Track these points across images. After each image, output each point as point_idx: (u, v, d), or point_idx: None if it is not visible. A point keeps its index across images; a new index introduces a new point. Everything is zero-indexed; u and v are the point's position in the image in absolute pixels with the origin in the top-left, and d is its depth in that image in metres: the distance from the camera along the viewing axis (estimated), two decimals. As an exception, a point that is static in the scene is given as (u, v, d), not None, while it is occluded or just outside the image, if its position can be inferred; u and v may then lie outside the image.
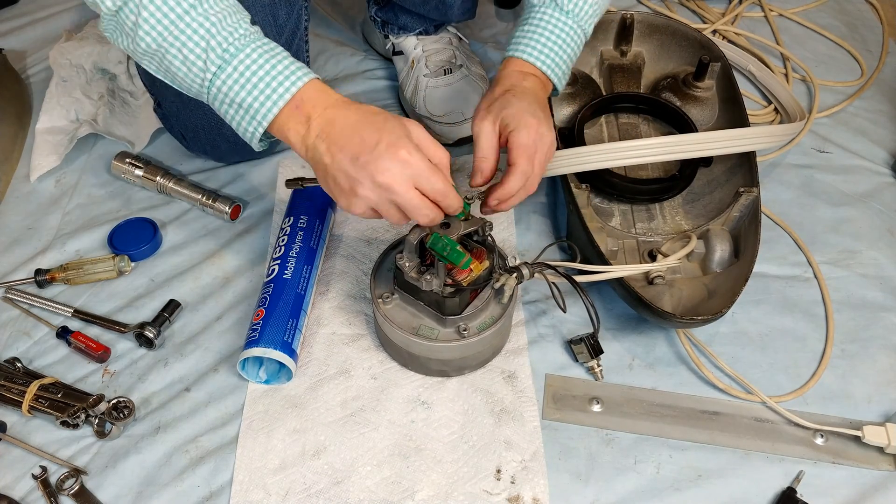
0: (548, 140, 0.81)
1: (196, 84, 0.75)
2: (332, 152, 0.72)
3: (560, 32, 0.85)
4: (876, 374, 0.89)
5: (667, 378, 0.89)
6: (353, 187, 0.72)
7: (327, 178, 0.74)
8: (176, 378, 0.88)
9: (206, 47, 0.72)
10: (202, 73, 0.73)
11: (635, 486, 0.80)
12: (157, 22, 0.71)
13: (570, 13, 0.85)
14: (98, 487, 0.80)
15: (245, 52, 0.72)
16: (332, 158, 0.72)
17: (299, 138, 0.74)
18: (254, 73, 0.72)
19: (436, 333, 0.83)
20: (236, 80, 0.73)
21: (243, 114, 0.74)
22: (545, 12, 0.85)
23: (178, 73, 0.75)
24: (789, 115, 1.15)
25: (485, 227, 0.81)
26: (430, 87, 1.12)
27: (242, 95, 0.73)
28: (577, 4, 0.85)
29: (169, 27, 0.72)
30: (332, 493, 0.79)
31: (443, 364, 0.86)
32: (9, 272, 0.99)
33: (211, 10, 0.72)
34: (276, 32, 0.95)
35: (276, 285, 0.89)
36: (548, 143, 0.82)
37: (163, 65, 0.75)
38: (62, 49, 1.14)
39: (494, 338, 0.85)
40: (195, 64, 0.73)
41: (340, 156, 0.72)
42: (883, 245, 1.02)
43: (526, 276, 0.82)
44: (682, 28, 1.17)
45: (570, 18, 0.85)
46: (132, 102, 1.15)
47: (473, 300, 0.83)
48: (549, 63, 0.85)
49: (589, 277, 0.85)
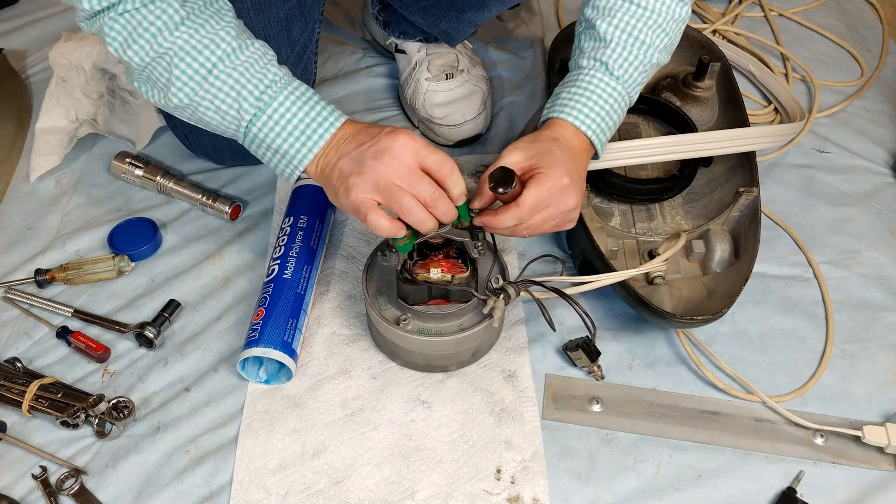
0: (566, 205, 0.77)
1: (230, 130, 0.77)
2: (339, 150, 0.74)
3: (609, 98, 0.81)
4: (876, 374, 0.89)
5: (667, 378, 0.89)
6: (354, 168, 0.72)
7: (333, 172, 0.74)
8: (176, 378, 0.88)
9: (238, 97, 0.73)
10: (236, 121, 0.75)
11: (635, 486, 0.80)
12: (189, 79, 0.73)
13: (620, 79, 0.82)
14: (98, 487, 0.80)
15: (278, 101, 0.74)
16: (337, 152, 0.74)
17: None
18: (288, 121, 0.74)
19: (412, 326, 0.83)
20: (272, 128, 0.74)
21: (280, 158, 0.76)
22: (594, 76, 0.81)
23: (211, 123, 0.76)
24: (789, 115, 1.15)
25: (473, 246, 0.81)
26: (431, 90, 1.12)
27: (278, 143, 0.75)
28: (627, 71, 0.82)
29: (200, 83, 0.73)
30: (332, 493, 0.79)
31: (424, 358, 0.86)
32: (9, 272, 0.99)
33: (238, 60, 0.73)
34: (288, 47, 0.96)
35: (276, 285, 0.89)
36: (565, 208, 0.77)
37: (195, 115, 0.76)
38: (62, 49, 1.14)
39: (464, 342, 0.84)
40: (228, 114, 0.75)
41: (347, 147, 0.73)
42: (883, 245, 1.02)
43: (513, 296, 0.82)
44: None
45: (619, 84, 0.82)
46: (132, 102, 1.15)
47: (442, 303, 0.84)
48: (597, 130, 0.81)
49: (580, 288, 0.85)
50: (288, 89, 0.74)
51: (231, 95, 0.73)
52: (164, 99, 0.75)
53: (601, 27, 0.82)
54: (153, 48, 0.72)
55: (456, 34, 1.11)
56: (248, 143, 0.77)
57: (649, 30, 0.82)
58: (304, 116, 0.74)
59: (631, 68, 0.82)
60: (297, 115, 0.74)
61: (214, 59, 0.72)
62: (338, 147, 0.74)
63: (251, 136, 0.76)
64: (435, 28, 1.10)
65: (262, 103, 0.74)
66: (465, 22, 1.08)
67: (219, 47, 0.72)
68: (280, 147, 0.75)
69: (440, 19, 1.08)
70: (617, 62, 0.82)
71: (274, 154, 0.76)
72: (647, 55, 0.82)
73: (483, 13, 1.07)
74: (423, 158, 0.72)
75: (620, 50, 0.81)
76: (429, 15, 1.08)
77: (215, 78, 0.73)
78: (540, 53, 1.28)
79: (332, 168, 0.74)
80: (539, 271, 0.95)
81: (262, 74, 0.74)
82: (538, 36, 1.31)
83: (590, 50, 0.83)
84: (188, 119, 0.78)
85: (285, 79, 0.75)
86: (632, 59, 0.82)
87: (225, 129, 0.77)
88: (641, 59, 0.82)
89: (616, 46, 0.81)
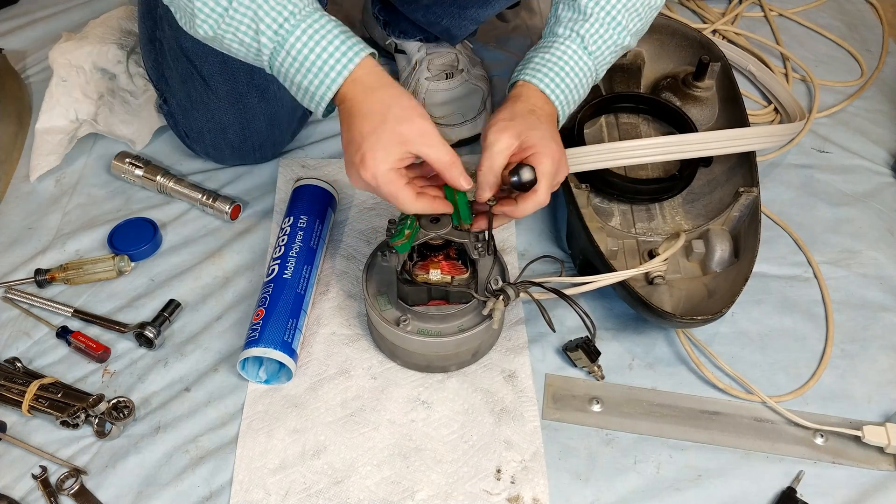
0: (564, 172, 0.81)
1: (258, 63, 0.76)
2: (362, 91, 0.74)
3: (579, 72, 0.83)
4: (876, 374, 0.89)
5: (667, 378, 0.89)
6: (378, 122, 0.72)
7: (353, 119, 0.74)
8: (176, 378, 0.88)
9: (257, 30, 0.72)
10: (258, 56, 0.75)
11: (635, 486, 0.80)
12: (211, 10, 0.72)
13: (593, 55, 0.83)
14: (98, 487, 0.80)
15: (295, 35, 0.72)
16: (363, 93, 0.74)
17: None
18: (306, 57, 0.73)
19: (412, 327, 0.83)
20: (291, 63, 0.73)
21: (303, 94, 0.76)
22: (570, 47, 0.82)
23: (238, 54, 0.76)
24: (789, 115, 1.15)
25: (473, 247, 0.81)
26: (431, 90, 1.12)
27: (298, 79, 0.74)
28: (600, 48, 0.83)
29: (222, 14, 0.72)
30: (332, 493, 0.79)
31: (424, 359, 0.86)
32: (9, 272, 0.99)
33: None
34: None
35: (276, 285, 0.89)
36: (563, 172, 0.81)
37: (223, 46, 0.76)
38: (62, 49, 1.14)
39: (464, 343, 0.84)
40: (252, 47, 0.74)
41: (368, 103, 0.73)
42: (883, 245, 1.02)
43: (512, 297, 0.82)
44: (682, 28, 1.17)
45: (591, 59, 0.83)
46: (132, 101, 1.15)
47: (442, 304, 0.84)
48: (563, 101, 0.83)
49: (580, 289, 0.85)
50: (307, 21, 0.73)
51: (253, 28, 0.72)
52: (192, 30, 0.75)
53: (582, 1, 0.82)
54: None
55: (458, 32, 1.11)
56: (274, 76, 0.77)
57: (626, 11, 0.83)
58: (321, 52, 0.73)
59: (604, 46, 0.83)
60: (315, 51, 0.72)
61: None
62: (362, 89, 0.74)
63: (275, 71, 0.75)
64: (436, 26, 1.10)
65: (279, 38, 0.73)
66: (467, 19, 1.08)
67: None
68: (301, 83, 0.74)
69: (442, 17, 1.08)
70: (593, 37, 0.83)
71: (297, 89, 0.75)
72: (621, 36, 0.84)
73: (485, 10, 1.07)
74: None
75: (598, 26, 0.82)
76: (430, 13, 1.08)
77: (235, 10, 0.72)
78: (540, 53, 1.28)
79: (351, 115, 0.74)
80: (539, 272, 0.95)
81: (281, 6, 0.72)
82: (538, 36, 1.31)
83: (567, 20, 0.84)
84: (220, 49, 0.77)
85: (306, 10, 0.73)
86: (606, 38, 0.83)
87: (254, 62, 0.77)
88: (615, 39, 0.83)
89: (595, 22, 0.82)
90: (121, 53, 1.14)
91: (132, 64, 1.15)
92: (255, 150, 1.06)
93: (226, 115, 1.00)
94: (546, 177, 0.77)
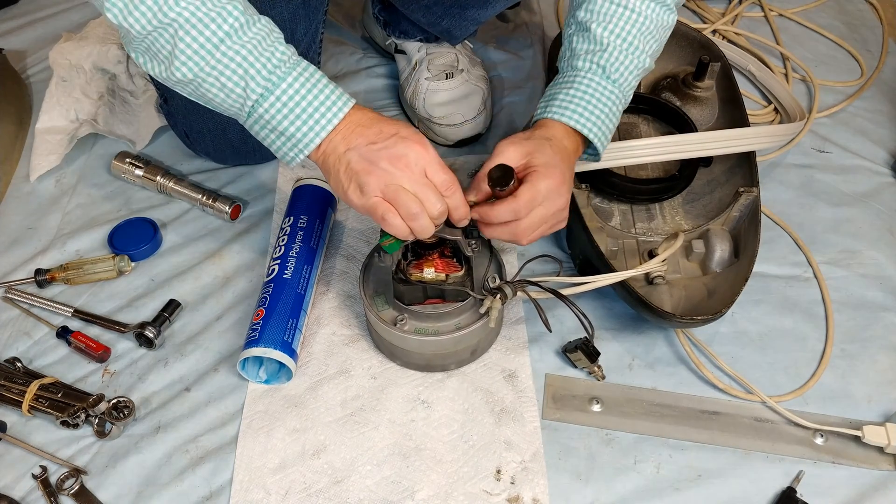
0: (558, 204, 0.78)
1: (233, 109, 0.75)
2: (348, 140, 0.74)
3: (608, 101, 0.82)
4: (876, 374, 0.89)
5: (666, 378, 0.89)
6: (366, 168, 0.72)
7: (340, 163, 0.74)
8: (176, 378, 0.89)
9: (245, 75, 0.71)
10: (241, 100, 0.73)
11: (635, 486, 0.80)
12: (194, 53, 0.70)
13: (617, 83, 0.83)
14: (98, 487, 0.80)
15: (287, 82, 0.72)
16: (345, 141, 0.73)
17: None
18: (297, 103, 0.72)
19: (410, 326, 0.84)
20: (279, 109, 0.73)
21: (285, 140, 0.75)
22: (592, 79, 0.82)
23: (214, 100, 0.74)
24: (789, 115, 1.15)
25: (467, 244, 0.81)
26: (431, 90, 1.12)
27: (285, 125, 0.73)
28: (623, 74, 0.83)
29: (206, 57, 0.71)
30: (332, 493, 0.79)
31: (422, 358, 0.86)
32: (9, 272, 0.99)
33: (246, 37, 0.71)
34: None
35: (276, 285, 0.89)
36: (556, 207, 0.78)
37: (198, 92, 0.74)
38: (62, 49, 1.14)
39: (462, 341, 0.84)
40: (234, 92, 0.73)
41: (356, 139, 0.73)
42: (883, 245, 1.02)
43: (509, 296, 0.82)
44: (682, 28, 1.16)
45: (616, 88, 0.83)
46: (132, 101, 1.15)
47: (438, 302, 0.84)
48: (598, 133, 0.82)
49: (579, 289, 0.85)
50: (297, 69, 0.73)
51: (238, 73, 0.71)
52: (167, 72, 0.72)
53: (597, 31, 0.82)
54: (156, 17, 0.69)
55: (458, 32, 1.11)
56: (251, 124, 0.76)
57: (642, 35, 0.83)
58: (312, 99, 0.73)
59: (626, 72, 0.83)
60: (307, 98, 0.73)
61: (221, 33, 0.70)
62: (346, 136, 0.74)
63: (256, 117, 0.74)
64: (437, 26, 1.10)
65: (270, 83, 0.72)
66: (468, 19, 1.08)
67: (226, 21, 0.70)
68: (286, 130, 0.73)
69: (442, 17, 1.08)
70: (614, 66, 0.82)
71: (279, 136, 0.75)
72: (640, 59, 0.84)
73: (486, 10, 1.07)
74: (434, 175, 0.73)
75: (617, 54, 0.82)
76: (431, 13, 1.08)
77: (222, 54, 0.71)
78: (540, 53, 1.28)
79: (339, 158, 0.74)
80: (538, 271, 0.95)
81: (269, 53, 0.72)
82: (538, 36, 1.31)
83: (584, 52, 0.83)
84: (189, 95, 0.76)
85: (294, 59, 0.74)
86: (627, 64, 0.83)
87: (228, 108, 0.75)
88: (636, 63, 0.83)
89: (613, 51, 0.82)
90: (121, 53, 1.14)
91: (132, 64, 1.15)
92: (255, 150, 1.06)
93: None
94: (530, 191, 0.75)
